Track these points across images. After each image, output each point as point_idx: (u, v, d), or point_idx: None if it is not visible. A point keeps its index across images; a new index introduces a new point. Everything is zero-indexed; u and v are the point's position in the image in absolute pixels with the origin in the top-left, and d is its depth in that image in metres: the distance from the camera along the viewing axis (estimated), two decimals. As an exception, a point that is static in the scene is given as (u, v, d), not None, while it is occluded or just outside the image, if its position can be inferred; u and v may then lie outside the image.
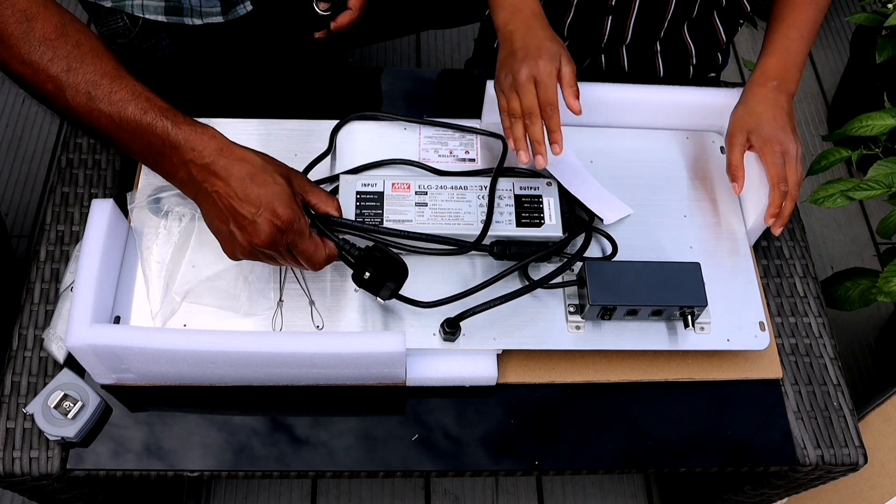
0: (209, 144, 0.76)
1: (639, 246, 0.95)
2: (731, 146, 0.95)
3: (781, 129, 0.93)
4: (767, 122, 0.93)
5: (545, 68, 0.86)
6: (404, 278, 0.83)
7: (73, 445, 0.84)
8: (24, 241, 1.73)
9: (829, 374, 0.95)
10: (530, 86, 0.86)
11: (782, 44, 0.98)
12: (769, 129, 0.92)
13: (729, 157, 0.95)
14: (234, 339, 0.79)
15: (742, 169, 0.93)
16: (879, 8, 1.55)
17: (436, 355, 0.88)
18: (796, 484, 0.96)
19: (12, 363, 0.88)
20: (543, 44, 0.88)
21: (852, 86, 1.95)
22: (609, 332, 0.89)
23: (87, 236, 0.83)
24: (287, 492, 1.48)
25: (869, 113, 1.17)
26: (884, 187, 1.11)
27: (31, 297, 0.91)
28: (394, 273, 0.82)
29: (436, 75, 1.20)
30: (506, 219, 0.90)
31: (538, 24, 0.91)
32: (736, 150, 0.94)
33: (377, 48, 2.06)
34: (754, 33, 2.18)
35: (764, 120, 0.93)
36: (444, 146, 1.00)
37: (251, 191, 0.75)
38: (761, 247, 1.03)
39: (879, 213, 1.95)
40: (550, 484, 1.54)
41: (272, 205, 0.75)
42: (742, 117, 0.95)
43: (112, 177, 1.00)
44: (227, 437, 0.85)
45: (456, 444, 0.87)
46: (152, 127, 0.75)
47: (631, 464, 0.89)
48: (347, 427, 0.87)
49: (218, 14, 1.11)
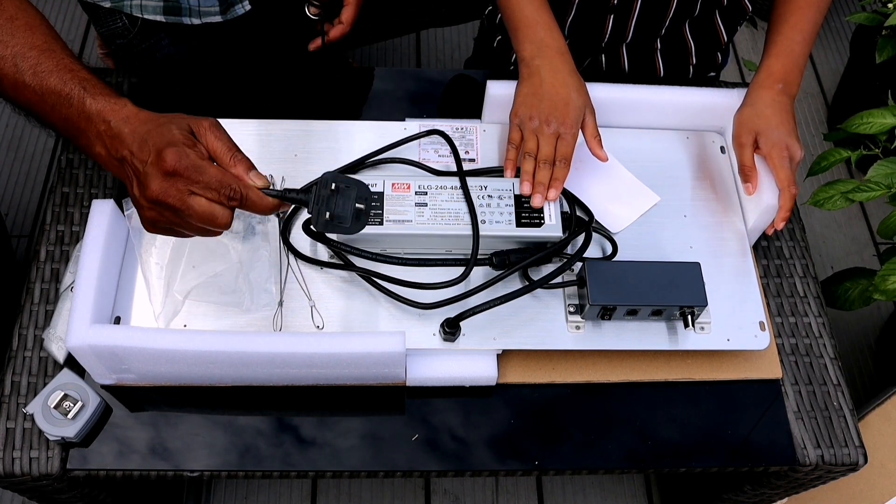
0: (119, 113, 0.72)
1: (639, 246, 0.95)
2: (740, 147, 0.96)
3: (788, 133, 0.94)
4: (776, 127, 0.94)
5: (571, 128, 0.90)
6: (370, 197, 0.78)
7: (73, 445, 0.84)
8: (24, 241, 1.73)
9: (829, 374, 0.95)
10: (554, 139, 0.90)
11: (786, 46, 0.99)
12: (777, 134, 0.94)
13: (741, 159, 0.96)
14: (234, 340, 0.79)
15: (756, 169, 0.94)
16: (879, 8, 1.55)
17: (436, 355, 0.88)
18: (796, 484, 0.96)
19: (12, 363, 0.88)
20: (571, 97, 0.91)
21: (852, 86, 1.95)
22: (609, 332, 0.89)
23: (87, 236, 0.83)
24: (287, 492, 1.48)
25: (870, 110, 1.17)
26: (884, 188, 1.11)
27: (31, 297, 0.91)
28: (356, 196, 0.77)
29: (436, 75, 1.20)
30: (506, 219, 0.90)
31: (566, 67, 0.93)
32: (747, 151, 0.95)
33: (377, 48, 2.07)
34: (754, 33, 2.18)
35: (773, 124, 0.94)
36: (444, 146, 1.00)
37: (144, 146, 0.70)
38: (761, 247, 1.03)
39: (879, 213, 1.95)
40: (550, 484, 1.54)
41: (160, 152, 0.69)
42: (750, 119, 0.95)
43: (112, 177, 1.00)
44: (228, 438, 0.85)
45: (456, 444, 0.87)
46: (69, 97, 0.72)
47: (631, 464, 0.89)
48: (347, 427, 0.87)
49: (217, 14, 1.11)
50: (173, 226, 0.73)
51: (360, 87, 1.13)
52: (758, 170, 0.94)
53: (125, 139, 0.71)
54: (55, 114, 0.74)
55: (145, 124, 0.72)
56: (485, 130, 1.03)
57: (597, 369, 0.91)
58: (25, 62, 0.73)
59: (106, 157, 0.73)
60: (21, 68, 0.73)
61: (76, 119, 0.73)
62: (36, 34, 0.74)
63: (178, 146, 0.70)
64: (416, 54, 2.09)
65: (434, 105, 1.11)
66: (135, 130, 0.71)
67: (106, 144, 0.72)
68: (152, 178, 0.69)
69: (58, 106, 0.73)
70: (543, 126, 0.90)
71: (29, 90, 0.73)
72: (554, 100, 0.91)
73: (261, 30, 1.18)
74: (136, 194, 0.71)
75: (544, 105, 0.91)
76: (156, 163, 0.69)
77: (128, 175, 0.72)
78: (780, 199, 0.92)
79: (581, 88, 0.93)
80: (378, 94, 1.12)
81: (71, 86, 0.73)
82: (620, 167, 1.01)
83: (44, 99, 0.73)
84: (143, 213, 0.72)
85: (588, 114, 0.93)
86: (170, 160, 0.69)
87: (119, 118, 0.72)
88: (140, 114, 0.73)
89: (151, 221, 0.73)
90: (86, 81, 0.73)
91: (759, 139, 0.94)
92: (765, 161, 0.94)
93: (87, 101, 0.72)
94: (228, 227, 0.73)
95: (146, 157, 0.69)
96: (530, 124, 0.91)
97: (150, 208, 0.71)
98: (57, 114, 0.73)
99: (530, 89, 0.93)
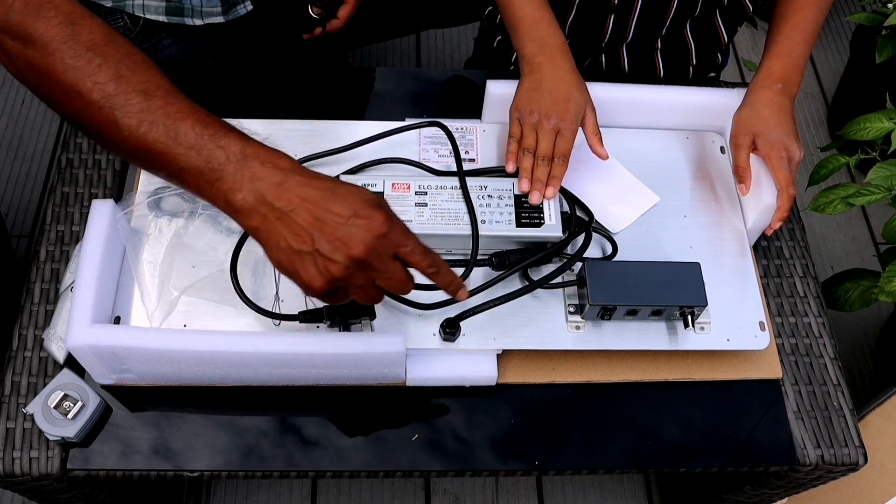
0: (282, 161, 0.66)
1: (639, 246, 0.95)
2: (736, 148, 0.96)
3: (787, 134, 0.94)
4: (774, 127, 0.94)
5: (571, 124, 0.91)
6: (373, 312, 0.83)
7: (73, 445, 0.84)
8: (24, 241, 1.73)
9: (829, 374, 0.95)
10: (553, 135, 0.91)
11: (786, 46, 0.99)
12: (776, 135, 0.94)
13: (736, 159, 0.96)
14: (234, 340, 0.79)
15: (749, 170, 0.95)
16: (879, 8, 1.55)
17: (436, 355, 0.88)
18: (796, 484, 0.96)
19: (12, 363, 0.88)
20: (571, 93, 0.92)
21: (852, 86, 1.95)
22: (609, 332, 0.89)
23: (87, 236, 0.83)
24: (287, 492, 1.48)
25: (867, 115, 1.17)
26: (884, 191, 1.11)
27: (31, 297, 0.91)
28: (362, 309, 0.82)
29: (436, 75, 1.20)
30: (505, 219, 0.90)
31: (566, 64, 0.94)
32: (742, 152, 0.95)
33: (377, 48, 2.07)
34: (754, 33, 2.18)
35: (771, 124, 0.94)
36: (445, 146, 1.00)
37: (338, 199, 0.64)
38: (761, 247, 1.03)
39: (880, 213, 1.95)
40: (550, 484, 1.54)
41: (365, 208, 0.64)
42: (748, 119, 0.96)
43: (112, 177, 1.00)
44: (228, 437, 0.85)
45: (456, 444, 0.87)
46: (216, 139, 0.66)
47: (631, 464, 0.89)
48: (347, 427, 0.87)
49: (218, 14, 1.11)
50: (357, 285, 0.66)
51: (360, 87, 1.13)
52: (753, 171, 0.94)
53: (295, 190, 0.64)
54: (191, 157, 0.66)
55: (318, 179, 0.66)
56: (485, 130, 1.03)
57: (597, 369, 0.91)
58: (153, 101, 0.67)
59: (253, 204, 0.65)
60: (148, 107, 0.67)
61: (221, 162, 0.65)
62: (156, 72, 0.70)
63: (384, 206, 0.65)
64: (416, 54, 2.09)
65: (434, 105, 1.11)
66: (307, 183, 0.65)
67: (259, 191, 0.64)
68: (358, 234, 0.63)
69: (197, 148, 0.66)
70: (543, 121, 0.90)
71: (158, 130, 0.66)
72: (554, 95, 0.91)
73: (262, 30, 1.18)
74: (328, 254, 0.63)
75: (545, 100, 0.91)
76: (365, 222, 0.63)
77: (298, 230, 0.64)
78: (777, 200, 0.92)
79: (581, 86, 0.93)
80: (378, 94, 1.12)
81: (214, 128, 0.67)
82: (620, 167, 1.01)
83: (177, 140, 0.66)
84: (331, 270, 0.64)
85: (588, 111, 0.93)
86: (381, 220, 0.64)
87: (284, 166, 0.66)
88: (303, 167, 0.67)
89: (330, 277, 0.64)
90: (230, 127, 0.68)
91: (758, 140, 0.94)
92: (764, 162, 0.94)
93: (240, 146, 0.66)
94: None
95: (348, 213, 0.63)
96: (530, 119, 0.91)
97: (345, 272, 0.64)
98: (194, 157, 0.66)
99: (531, 85, 0.93)
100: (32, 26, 0.67)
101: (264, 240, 0.66)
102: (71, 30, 0.67)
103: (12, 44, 0.68)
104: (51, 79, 0.67)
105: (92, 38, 0.67)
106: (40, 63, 0.67)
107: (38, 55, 0.67)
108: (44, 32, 0.66)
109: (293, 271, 0.65)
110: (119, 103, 0.66)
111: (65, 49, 0.66)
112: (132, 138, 0.67)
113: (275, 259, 0.66)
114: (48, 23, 0.66)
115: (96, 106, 0.66)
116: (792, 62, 0.98)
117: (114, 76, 0.67)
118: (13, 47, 0.68)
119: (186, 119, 0.67)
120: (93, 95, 0.66)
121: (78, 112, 0.68)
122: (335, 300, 0.68)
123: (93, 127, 0.68)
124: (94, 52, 0.67)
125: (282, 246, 0.65)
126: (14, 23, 0.67)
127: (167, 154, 0.66)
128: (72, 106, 0.68)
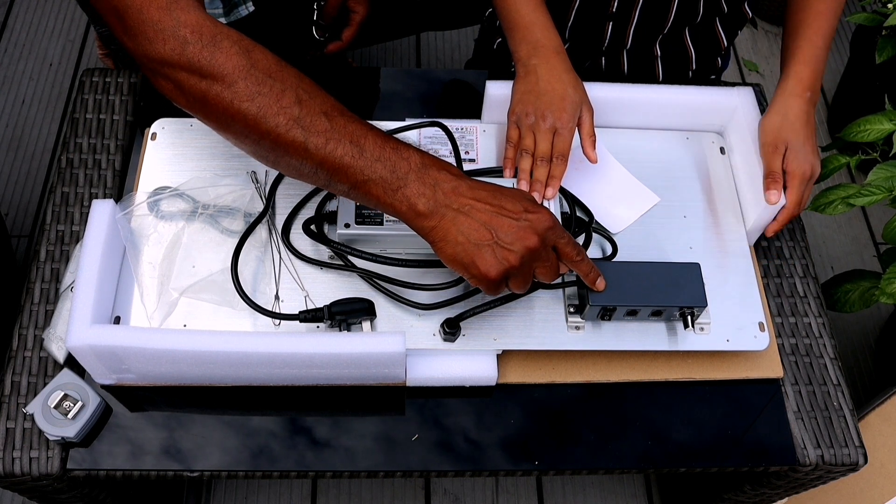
0: (452, 168, 0.75)
1: (639, 246, 0.95)
2: (770, 154, 0.94)
3: (813, 152, 0.94)
4: (804, 143, 0.93)
5: (567, 123, 0.90)
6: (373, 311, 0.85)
7: (73, 445, 0.84)
8: (24, 241, 1.73)
9: (829, 374, 0.95)
10: (550, 134, 0.91)
11: (812, 52, 0.98)
12: (804, 154, 0.93)
13: (770, 165, 0.93)
14: (234, 340, 0.79)
15: (782, 178, 0.93)
16: (879, 8, 1.55)
17: (436, 355, 0.88)
18: (796, 484, 0.96)
19: (12, 363, 0.88)
20: (567, 92, 0.91)
21: (852, 86, 1.95)
22: (609, 332, 0.89)
23: (87, 236, 0.84)
24: (287, 492, 1.48)
25: (867, 116, 1.17)
26: (884, 191, 1.11)
27: (31, 297, 0.91)
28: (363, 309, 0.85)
29: (436, 75, 1.20)
30: (506, 219, 0.90)
31: (562, 65, 0.93)
32: (776, 159, 0.93)
33: (377, 48, 2.07)
34: (754, 33, 2.18)
35: (802, 138, 0.94)
36: (445, 146, 1.00)
37: (507, 198, 0.73)
38: (761, 247, 1.03)
39: (880, 214, 1.95)
40: (550, 484, 1.54)
41: (532, 205, 0.74)
42: (782, 129, 0.94)
43: (112, 177, 1.00)
44: (229, 437, 0.85)
45: (456, 445, 0.87)
46: (398, 151, 0.72)
47: (631, 464, 0.89)
48: (347, 427, 0.87)
49: (220, 15, 1.11)
50: (521, 273, 0.74)
51: (360, 87, 1.13)
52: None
53: (467, 193, 0.73)
54: (376, 169, 0.72)
55: (482, 184, 0.75)
56: (484, 131, 1.03)
57: (597, 369, 0.91)
58: (334, 121, 0.72)
59: (433, 208, 0.72)
60: (332, 127, 0.72)
61: (404, 171, 0.72)
62: (325, 92, 0.74)
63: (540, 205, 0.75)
64: (416, 55, 2.09)
65: (434, 105, 1.11)
66: (476, 187, 0.74)
67: (437, 196, 0.72)
68: (535, 225, 0.72)
69: (382, 160, 0.72)
70: (540, 122, 0.90)
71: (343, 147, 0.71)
72: (550, 95, 0.91)
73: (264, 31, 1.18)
74: (508, 245, 0.72)
75: (541, 101, 0.91)
76: (535, 216, 0.73)
77: (476, 226, 0.71)
78: (779, 213, 0.93)
79: (578, 85, 0.93)
80: (378, 95, 1.13)
81: (394, 143, 0.73)
82: (620, 167, 1.01)
83: (363, 153, 0.71)
84: (509, 260, 0.72)
85: (585, 111, 0.92)
86: (548, 214, 0.74)
87: (455, 172, 0.74)
88: (461, 172, 0.76)
89: (508, 265, 0.72)
90: (404, 141, 0.75)
91: (788, 152, 0.93)
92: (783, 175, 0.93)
93: (418, 157, 0.73)
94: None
95: (520, 210, 0.72)
96: (527, 121, 0.91)
97: (521, 260, 0.72)
98: (380, 168, 0.72)
99: (526, 87, 0.93)
100: (211, 59, 0.69)
101: (440, 237, 0.72)
102: (248, 58, 0.70)
103: (186, 77, 0.69)
104: (233, 107, 0.70)
105: (267, 64, 0.71)
106: (219, 94, 0.69)
107: (217, 86, 0.69)
108: (223, 63, 0.69)
109: (470, 262, 0.72)
110: (306, 124, 0.70)
111: (248, 77, 0.69)
112: (319, 155, 0.71)
113: (450, 253, 0.72)
114: (226, 53, 0.69)
115: (284, 129, 0.70)
116: (819, 68, 0.98)
117: (296, 100, 0.71)
118: (187, 80, 0.69)
119: (367, 135, 0.72)
120: (279, 119, 0.70)
121: (260, 136, 0.71)
122: (498, 290, 0.75)
123: (276, 149, 0.72)
124: (273, 78, 0.71)
125: (459, 241, 0.72)
126: (190, 57, 0.68)
127: (354, 167, 0.71)
128: (256, 131, 0.71)
